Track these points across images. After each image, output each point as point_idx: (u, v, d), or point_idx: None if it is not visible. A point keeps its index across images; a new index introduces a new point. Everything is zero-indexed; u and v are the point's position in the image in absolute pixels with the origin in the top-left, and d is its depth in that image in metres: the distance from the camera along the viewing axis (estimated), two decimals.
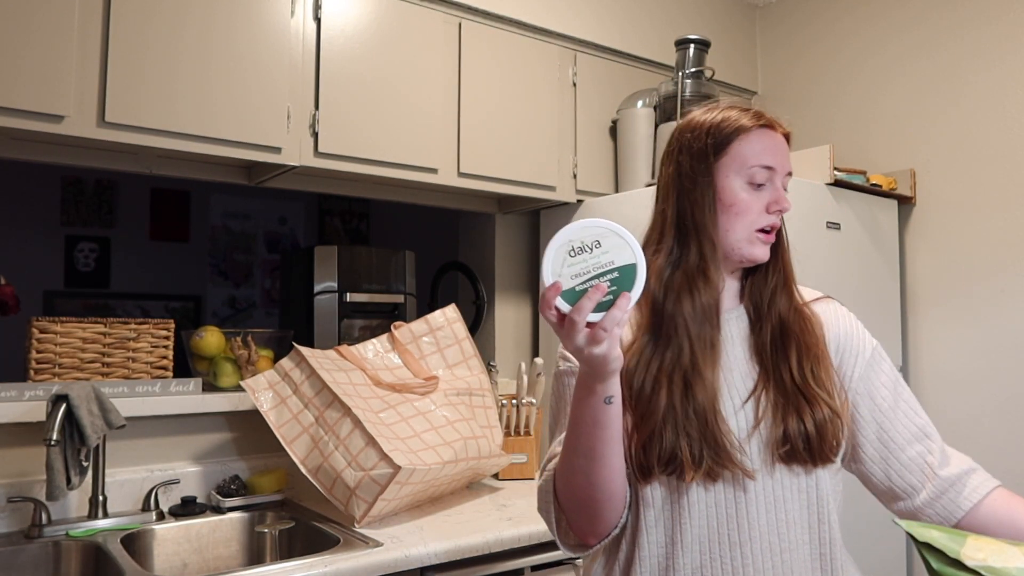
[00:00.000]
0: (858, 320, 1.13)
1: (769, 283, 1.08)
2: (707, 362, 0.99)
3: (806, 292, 1.13)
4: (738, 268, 1.09)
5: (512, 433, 2.10)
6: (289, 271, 2.35)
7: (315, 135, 1.74)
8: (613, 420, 0.90)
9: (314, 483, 1.62)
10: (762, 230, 1.04)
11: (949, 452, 1.07)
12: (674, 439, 0.95)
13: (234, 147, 1.64)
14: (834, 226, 2.05)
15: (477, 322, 2.38)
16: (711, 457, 0.95)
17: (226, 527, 1.69)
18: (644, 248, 1.03)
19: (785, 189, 1.06)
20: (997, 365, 2.08)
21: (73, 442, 1.52)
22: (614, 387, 0.89)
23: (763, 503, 0.98)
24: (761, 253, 1.05)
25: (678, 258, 1.04)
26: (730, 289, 1.10)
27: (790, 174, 1.07)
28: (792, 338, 1.05)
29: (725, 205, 1.03)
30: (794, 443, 0.98)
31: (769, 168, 1.03)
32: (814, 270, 1.77)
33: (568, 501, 0.98)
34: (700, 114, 1.08)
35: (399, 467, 1.51)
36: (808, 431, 0.98)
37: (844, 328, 1.11)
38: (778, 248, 1.09)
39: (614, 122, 2.31)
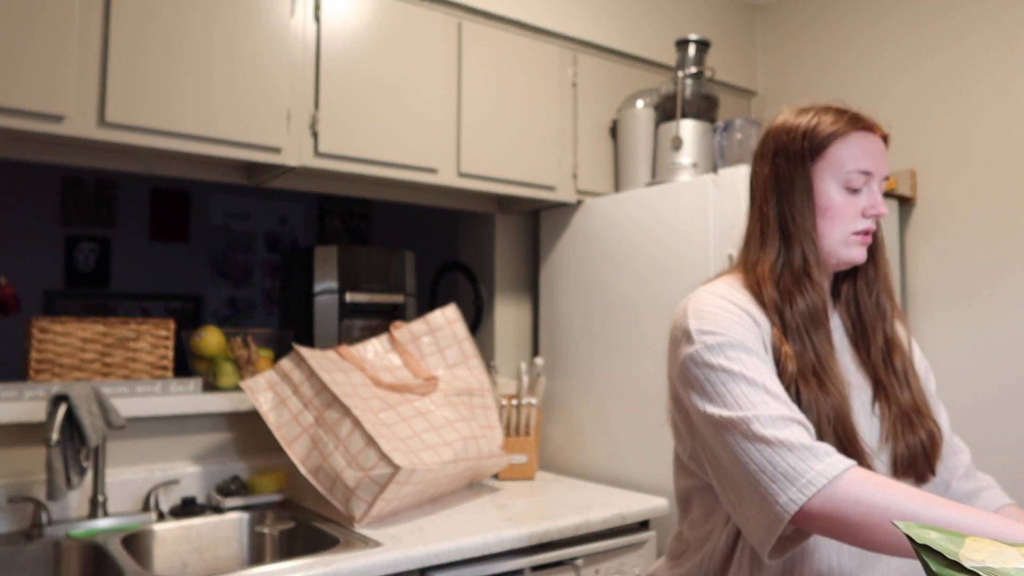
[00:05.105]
0: None
1: (872, 291, 1.09)
2: (830, 358, 1.00)
3: None
4: (831, 273, 1.09)
5: (512, 433, 2.10)
6: (289, 271, 2.35)
7: (315, 135, 1.74)
8: None
9: (314, 483, 1.62)
10: (858, 232, 1.04)
11: (972, 467, 1.14)
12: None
13: (234, 147, 1.64)
14: None
15: (477, 322, 2.39)
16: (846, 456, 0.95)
17: (226, 527, 1.69)
18: (747, 246, 1.07)
19: (882, 192, 1.05)
20: (997, 364, 2.08)
21: (73, 442, 1.52)
22: None
23: None
24: (858, 254, 1.05)
25: (785, 260, 1.03)
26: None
27: (887, 177, 1.06)
28: (898, 352, 1.07)
29: (821, 209, 1.03)
30: (915, 458, 1.01)
31: (866, 173, 1.03)
32: None
33: (864, 515, 0.83)
34: (794, 116, 1.07)
35: (399, 467, 1.51)
36: (925, 446, 1.01)
37: (916, 351, 1.15)
38: (876, 254, 1.10)
39: (614, 122, 2.31)
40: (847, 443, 0.96)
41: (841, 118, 1.04)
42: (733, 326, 0.97)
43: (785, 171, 1.05)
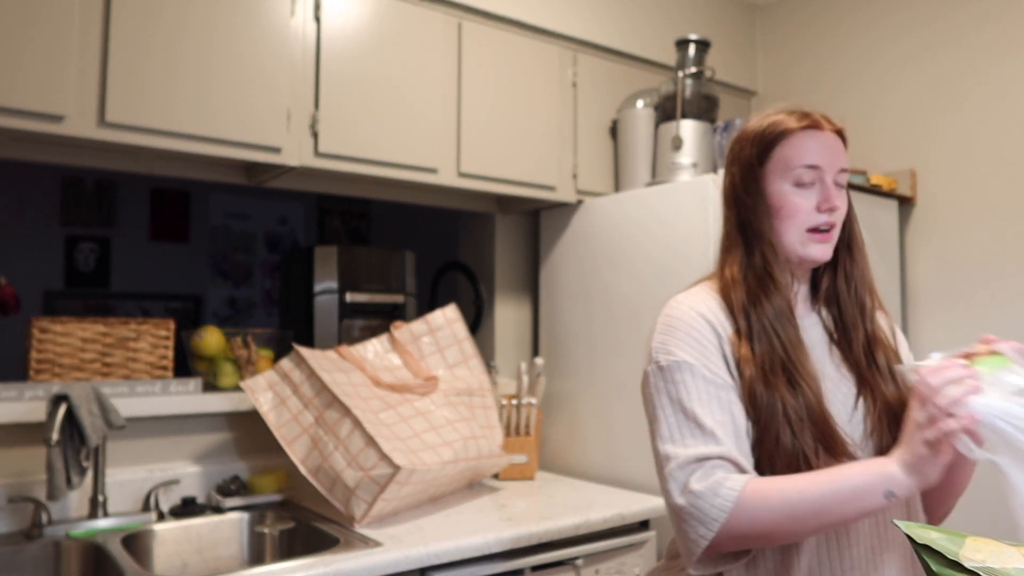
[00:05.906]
0: None
1: (851, 287, 1.10)
2: (800, 354, 1.01)
3: None
4: (805, 271, 1.10)
5: (512, 433, 2.10)
6: (289, 271, 2.35)
7: (315, 135, 1.74)
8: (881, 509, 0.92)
9: (314, 483, 1.62)
10: (815, 229, 1.05)
11: None
12: (791, 439, 0.97)
13: (234, 147, 1.64)
14: None
15: (477, 322, 2.39)
16: (827, 450, 0.97)
17: (226, 527, 1.69)
18: (719, 252, 1.11)
19: (841, 186, 1.07)
20: None
21: (73, 442, 1.52)
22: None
23: None
24: (817, 252, 1.06)
25: (747, 264, 1.06)
26: (801, 294, 1.11)
27: (844, 170, 1.07)
28: (881, 348, 1.07)
29: (775, 209, 1.05)
30: None
31: (814, 167, 1.04)
32: None
33: (766, 527, 0.92)
34: (752, 123, 1.11)
35: (399, 467, 1.51)
36: None
37: (901, 341, 1.15)
38: (853, 249, 1.10)
39: (614, 122, 2.31)
40: (825, 438, 0.97)
41: (789, 118, 1.06)
42: (688, 342, 1.02)
43: (739, 178, 1.09)
